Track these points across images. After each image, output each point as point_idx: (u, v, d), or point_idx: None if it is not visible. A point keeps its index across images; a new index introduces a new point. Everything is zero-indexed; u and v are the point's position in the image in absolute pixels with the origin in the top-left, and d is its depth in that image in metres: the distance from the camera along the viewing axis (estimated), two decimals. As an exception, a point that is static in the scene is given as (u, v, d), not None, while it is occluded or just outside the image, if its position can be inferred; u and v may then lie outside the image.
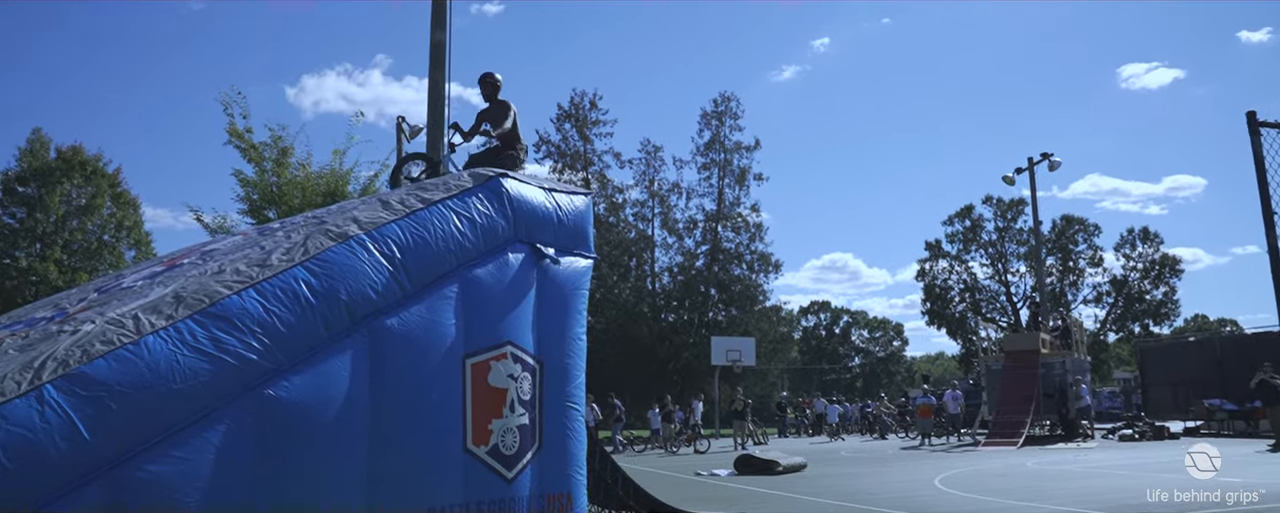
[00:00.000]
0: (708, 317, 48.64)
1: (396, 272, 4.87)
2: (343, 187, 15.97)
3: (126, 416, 3.95)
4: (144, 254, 38.64)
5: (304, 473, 4.47)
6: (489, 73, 8.49)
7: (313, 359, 4.51)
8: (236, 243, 6.20)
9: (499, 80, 8.49)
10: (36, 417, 3.75)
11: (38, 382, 3.85)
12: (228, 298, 4.35)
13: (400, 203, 5.20)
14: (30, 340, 4.62)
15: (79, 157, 37.38)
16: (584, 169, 46.47)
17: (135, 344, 4.08)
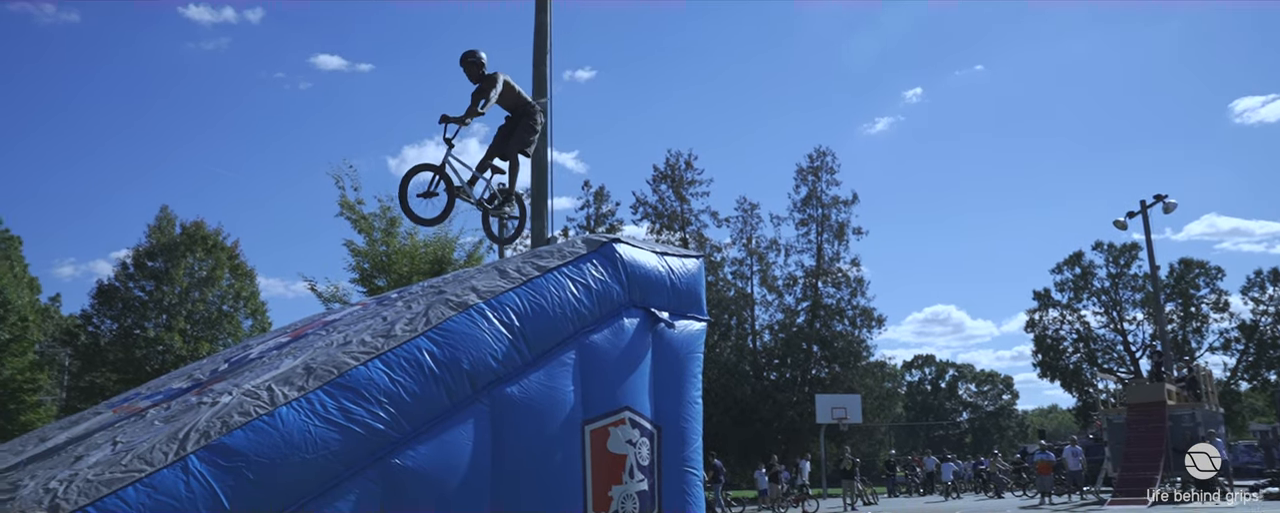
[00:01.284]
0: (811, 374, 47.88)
1: (516, 340, 4.93)
2: (448, 254, 16.38)
3: (263, 485, 4.06)
4: (259, 323, 40.24)
5: (431, 542, 4.51)
6: (468, 51, 7.95)
7: (437, 428, 4.58)
8: (357, 313, 6.39)
9: (481, 57, 7.94)
10: (182, 486, 3.89)
11: (183, 453, 3.99)
12: (355, 369, 4.46)
13: (517, 271, 5.29)
14: (173, 412, 4.82)
15: (201, 231, 39.48)
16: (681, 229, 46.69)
17: (270, 415, 4.21)
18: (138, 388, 7.74)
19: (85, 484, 3.84)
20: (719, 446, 31.70)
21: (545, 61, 12.51)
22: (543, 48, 12.53)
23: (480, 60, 7.93)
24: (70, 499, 3.75)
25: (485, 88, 7.82)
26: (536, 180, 12.39)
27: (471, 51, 7.89)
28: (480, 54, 7.91)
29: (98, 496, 3.76)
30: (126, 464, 3.96)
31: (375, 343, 4.66)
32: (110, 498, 3.76)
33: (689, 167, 48.13)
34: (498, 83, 7.83)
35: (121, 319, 38.40)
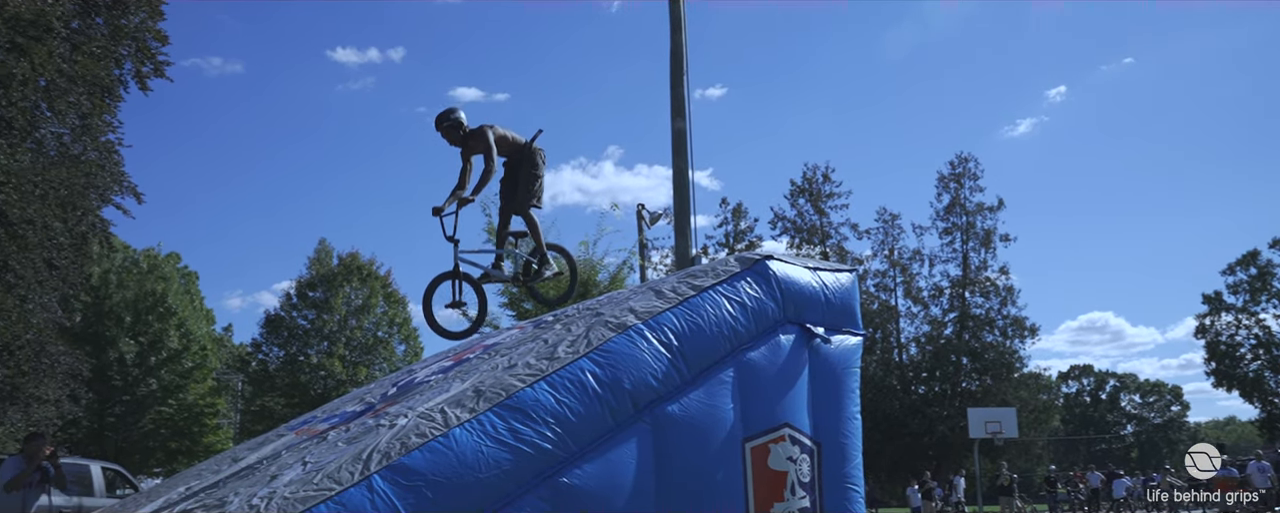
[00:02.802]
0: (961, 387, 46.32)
1: (675, 359, 4.99)
2: (593, 276, 16.67)
3: (440, 504, 4.24)
4: (412, 348, 41.92)
5: (598, 559, 4.59)
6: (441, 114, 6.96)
7: (601, 447, 4.67)
8: (517, 337, 6.58)
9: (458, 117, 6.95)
10: (368, 504, 4.10)
11: (367, 472, 4.21)
12: (522, 390, 4.60)
13: (672, 291, 5.35)
14: (352, 434, 5.08)
15: (356, 262, 41.61)
16: (821, 243, 46.10)
17: (445, 437, 4.39)
18: (313, 411, 8.19)
19: (283, 502, 4.10)
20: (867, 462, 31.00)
21: (682, 82, 12.65)
22: (679, 69, 12.67)
23: (459, 120, 6.91)
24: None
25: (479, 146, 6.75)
26: (678, 199, 12.50)
27: (444, 113, 6.87)
28: (456, 113, 6.90)
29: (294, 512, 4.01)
30: (317, 483, 4.20)
31: (540, 365, 4.79)
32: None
33: (826, 179, 47.55)
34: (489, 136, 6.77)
35: (287, 346, 40.81)
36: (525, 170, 6.99)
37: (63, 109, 19.51)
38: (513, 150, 7.02)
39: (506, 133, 7.06)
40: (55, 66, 18.41)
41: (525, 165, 6.99)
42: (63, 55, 18.80)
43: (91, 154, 21.08)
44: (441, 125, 6.93)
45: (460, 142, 6.97)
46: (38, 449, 9.71)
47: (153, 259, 41.11)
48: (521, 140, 7.07)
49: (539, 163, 7.03)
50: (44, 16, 17.51)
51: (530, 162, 6.98)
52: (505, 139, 6.99)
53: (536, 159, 7.01)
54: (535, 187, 7.03)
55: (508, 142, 7.00)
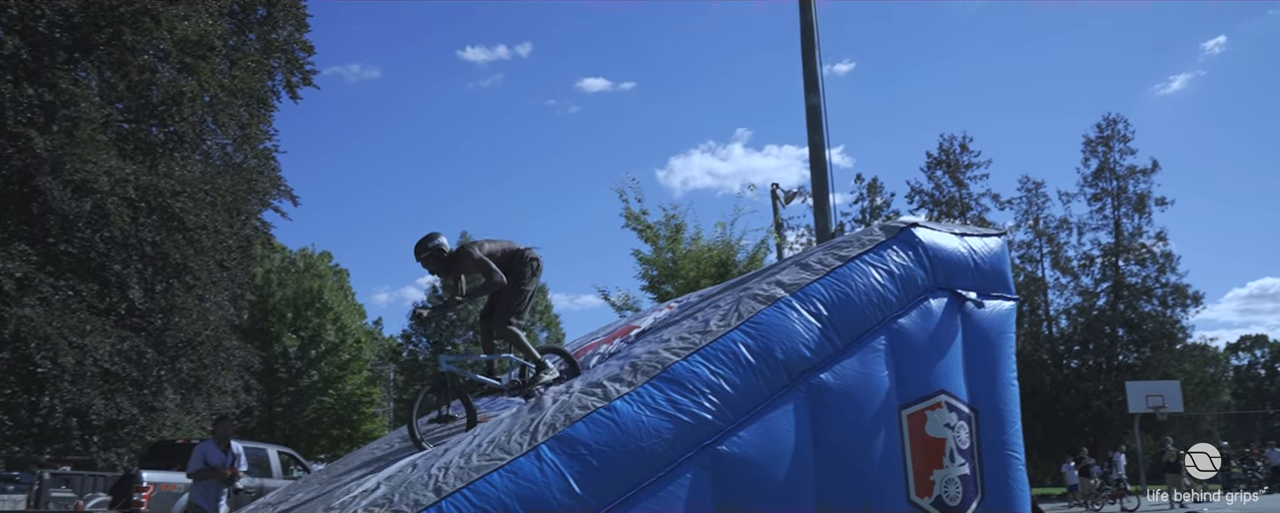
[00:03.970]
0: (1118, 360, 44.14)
1: (825, 329, 5.05)
2: (732, 256, 16.72)
3: (605, 471, 4.44)
4: (554, 334, 42.90)
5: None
6: (418, 243, 6.43)
7: (758, 416, 4.79)
8: (663, 318, 6.75)
9: (437, 243, 6.38)
10: (537, 472, 4.34)
11: (535, 442, 4.46)
12: (677, 363, 4.76)
13: (819, 263, 5.40)
14: (515, 409, 5.35)
15: (498, 251, 43.01)
16: (962, 215, 44.68)
17: (607, 408, 4.59)
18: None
19: (459, 470, 4.39)
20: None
21: (814, 57, 12.57)
22: (810, 44, 12.60)
23: (439, 246, 6.36)
24: (448, 483, 4.29)
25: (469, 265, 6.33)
26: (816, 175, 12.45)
27: (422, 242, 6.40)
28: (435, 240, 6.39)
29: (470, 480, 4.28)
30: (489, 453, 4.47)
31: (693, 339, 4.94)
32: (480, 482, 4.27)
33: (964, 149, 45.97)
34: (477, 253, 6.28)
35: (434, 337, 42.50)
36: (510, 281, 6.34)
37: (225, 121, 20.84)
38: (499, 263, 6.36)
39: (494, 247, 6.46)
40: (217, 82, 19.68)
41: (511, 276, 6.35)
42: (223, 71, 20.08)
43: (252, 162, 22.48)
44: (420, 255, 6.38)
45: (443, 268, 6.40)
46: (226, 431, 10.52)
47: (308, 258, 43.51)
48: (513, 250, 6.46)
49: (526, 275, 6.40)
50: (207, 36, 18.73)
51: (516, 274, 6.36)
52: (494, 256, 6.38)
53: (524, 271, 6.40)
54: (514, 302, 6.35)
55: (496, 257, 6.38)
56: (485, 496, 4.19)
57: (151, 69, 19.13)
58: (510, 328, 6.30)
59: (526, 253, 6.43)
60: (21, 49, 16.24)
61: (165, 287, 19.07)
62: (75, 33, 17.36)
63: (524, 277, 6.37)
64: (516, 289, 6.32)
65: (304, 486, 6.71)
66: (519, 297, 6.34)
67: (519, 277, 6.35)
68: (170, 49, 18.62)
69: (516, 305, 6.35)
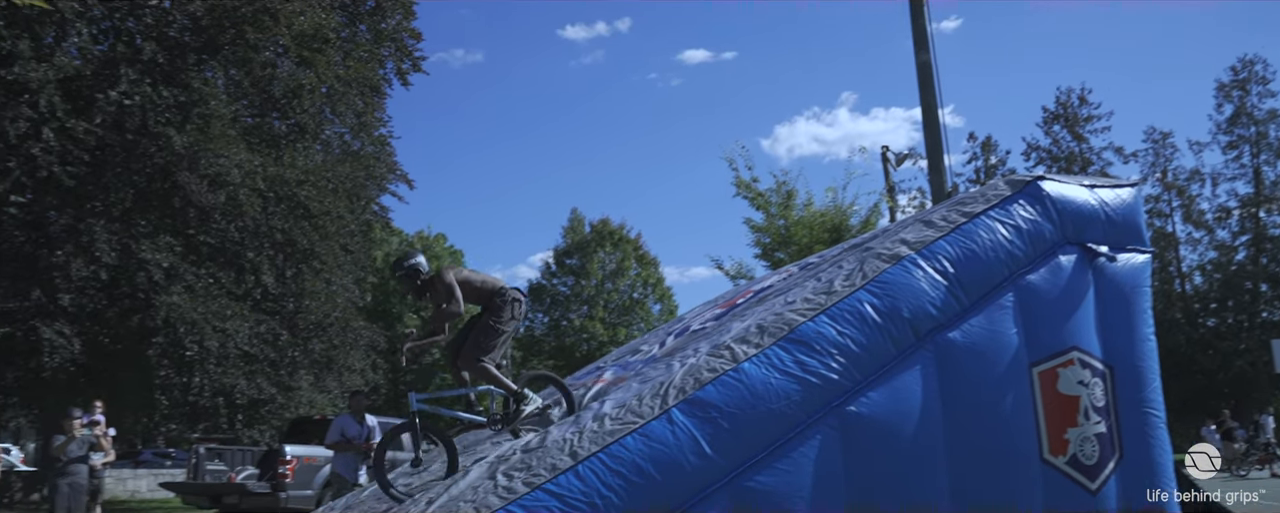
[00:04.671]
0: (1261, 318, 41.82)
1: (952, 286, 4.99)
2: (845, 221, 16.57)
3: (736, 433, 4.51)
4: (667, 307, 43.21)
5: (891, 485, 4.71)
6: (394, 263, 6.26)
7: (886, 376, 4.78)
8: (784, 281, 6.76)
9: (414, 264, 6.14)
10: (670, 435, 4.44)
11: (666, 406, 4.56)
12: (804, 324, 4.78)
13: (943, 220, 5.32)
14: (643, 376, 5.47)
15: (608, 227, 43.52)
16: (1082, 171, 42.90)
17: (735, 371, 4.66)
18: (596, 363, 8.78)
19: (593, 434, 4.52)
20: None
21: (923, 14, 12.26)
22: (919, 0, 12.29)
23: (414, 266, 6.13)
24: (583, 447, 4.44)
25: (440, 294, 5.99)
26: (929, 134, 12.18)
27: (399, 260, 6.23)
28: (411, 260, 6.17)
29: (604, 444, 4.41)
30: (621, 418, 4.59)
31: (818, 300, 4.95)
32: (614, 446, 4.39)
33: (1083, 102, 44.03)
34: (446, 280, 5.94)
35: (550, 313, 43.40)
36: (485, 318, 6.02)
37: (342, 110, 21.62)
38: (479, 297, 6.09)
39: (474, 276, 6.18)
40: (333, 73, 20.41)
41: (487, 312, 6.03)
42: (337, 63, 20.81)
43: (368, 148, 23.29)
44: (396, 274, 6.24)
45: (417, 291, 6.15)
46: (360, 405, 11.02)
47: (424, 240, 44.87)
48: (494, 285, 6.12)
49: (504, 315, 6.00)
50: (322, 30, 19.43)
51: (494, 312, 6.01)
52: (469, 283, 6.08)
53: (502, 310, 6.00)
54: (487, 339, 5.96)
55: (474, 286, 6.08)
56: (619, 458, 4.32)
57: (272, 65, 19.99)
58: (480, 364, 5.93)
59: (509, 292, 6.07)
60: (158, 54, 17.18)
61: (295, 272, 19.99)
62: (202, 35, 18.24)
63: (502, 316, 5.98)
64: (492, 327, 5.95)
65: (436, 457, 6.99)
66: (493, 334, 5.95)
67: (496, 314, 5.98)
68: (289, 44, 19.40)
69: (489, 343, 5.95)
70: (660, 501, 4.30)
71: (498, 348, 6.00)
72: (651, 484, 4.29)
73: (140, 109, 16.87)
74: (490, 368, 5.90)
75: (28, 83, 15.78)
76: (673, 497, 4.33)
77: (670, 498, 4.32)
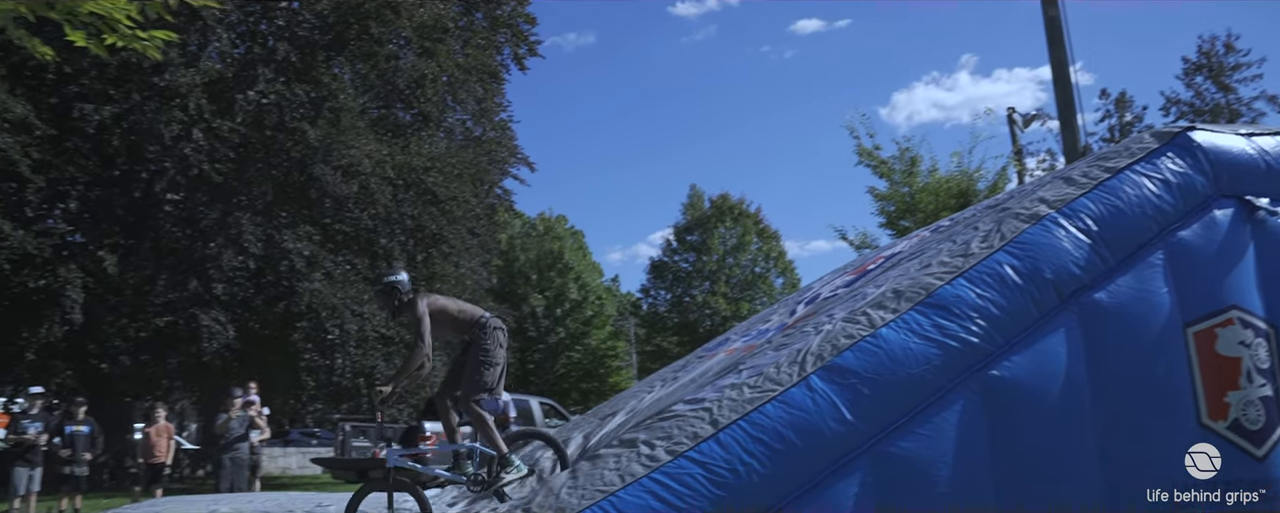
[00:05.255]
0: None
1: (1095, 245, 4.82)
2: (971, 187, 16.10)
3: (876, 398, 4.49)
4: (789, 280, 42.89)
5: (1036, 449, 4.60)
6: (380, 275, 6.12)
7: (1028, 339, 4.66)
8: (916, 245, 6.64)
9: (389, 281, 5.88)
10: (809, 401, 4.45)
11: (804, 373, 4.56)
12: (941, 288, 4.71)
13: (1084, 176, 5.14)
14: (778, 344, 5.48)
15: (727, 202, 43.45)
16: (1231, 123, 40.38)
17: (873, 336, 4.62)
18: (725, 334, 8.83)
19: (731, 401, 4.57)
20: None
21: (1051, -35, 11.75)
22: (1047, -49, 11.78)
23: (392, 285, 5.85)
24: (723, 415, 4.49)
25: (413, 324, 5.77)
26: (1060, 91, 11.71)
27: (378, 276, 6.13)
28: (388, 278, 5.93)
29: (744, 411, 4.46)
30: (759, 385, 4.62)
31: (955, 262, 4.86)
32: (754, 413, 4.43)
33: (1229, 49, 41.22)
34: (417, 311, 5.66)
35: (672, 289, 43.71)
36: (471, 353, 5.71)
37: (463, 98, 22.17)
38: (458, 327, 5.84)
39: (450, 305, 5.92)
40: (453, 62, 20.95)
41: (472, 346, 5.73)
42: (457, 51, 21.34)
43: (490, 134, 23.84)
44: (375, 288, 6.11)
45: (395, 310, 5.88)
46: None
47: (547, 222, 45.74)
48: (473, 316, 5.82)
49: (490, 346, 5.70)
50: (441, 20, 19.96)
51: (479, 344, 5.70)
52: (445, 312, 5.82)
53: (485, 341, 5.70)
54: (485, 375, 5.68)
55: (449, 315, 5.82)
56: (760, 425, 4.36)
57: (395, 57, 20.67)
58: (476, 410, 5.64)
59: (488, 322, 5.78)
60: (290, 53, 17.99)
61: (425, 256, 20.70)
62: (330, 32, 18.99)
63: (487, 347, 5.68)
64: (481, 362, 5.65)
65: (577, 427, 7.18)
66: (489, 369, 5.66)
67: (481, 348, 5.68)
68: (410, 36, 20.01)
69: (486, 380, 5.67)
70: (802, 467, 4.33)
71: (495, 382, 5.75)
72: (792, 451, 4.31)
73: (277, 107, 17.73)
74: (487, 417, 5.65)
75: (178, 88, 16.78)
76: (814, 463, 4.35)
77: (811, 464, 4.34)
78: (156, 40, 3.75)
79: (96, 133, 16.84)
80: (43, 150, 16.05)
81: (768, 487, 4.27)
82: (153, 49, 3.80)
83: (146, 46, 3.74)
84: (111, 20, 3.52)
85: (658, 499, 4.18)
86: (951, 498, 4.41)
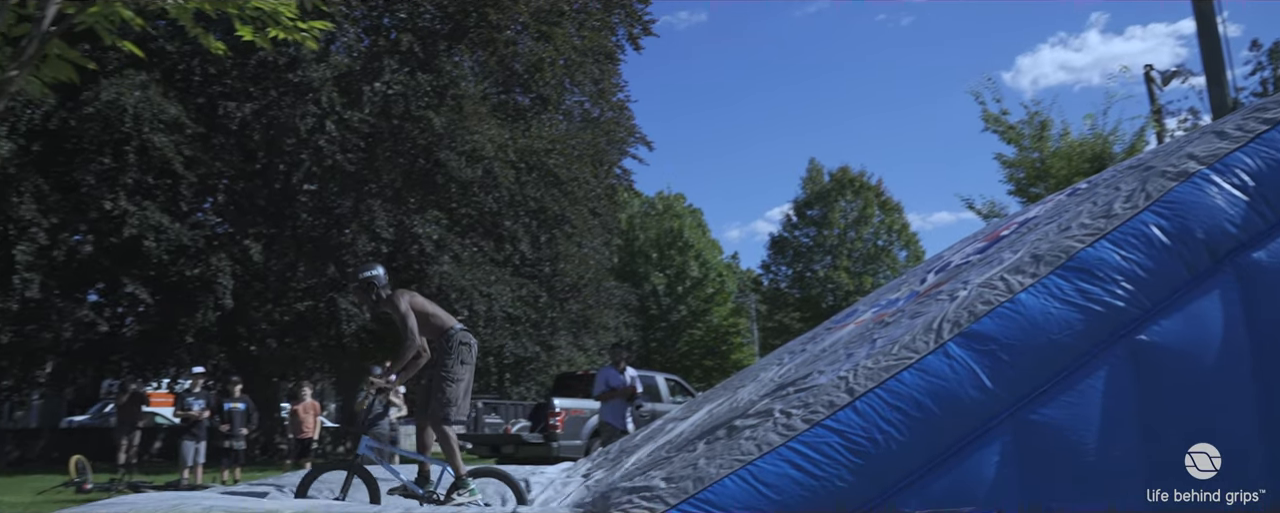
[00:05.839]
0: None
1: (1254, 202, 4.56)
2: (1107, 150, 15.41)
3: (1016, 365, 4.38)
4: (913, 253, 41.97)
5: (1193, 419, 4.42)
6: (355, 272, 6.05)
7: (1178, 302, 4.46)
8: (1051, 209, 6.42)
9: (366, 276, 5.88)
10: (947, 369, 4.38)
11: (940, 340, 4.49)
12: (1083, 250, 4.55)
13: (1238, 129, 4.87)
14: (910, 313, 5.41)
15: (847, 176, 42.77)
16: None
17: (1011, 302, 4.51)
18: (854, 306, 8.74)
19: (867, 371, 4.54)
20: None
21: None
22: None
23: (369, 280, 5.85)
24: (860, 383, 4.47)
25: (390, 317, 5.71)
26: (1205, 45, 11.07)
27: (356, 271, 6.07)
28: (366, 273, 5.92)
29: (880, 380, 4.42)
30: (895, 354, 4.58)
31: (1096, 224, 4.69)
32: (891, 381, 4.39)
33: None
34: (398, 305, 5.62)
35: (794, 265, 43.37)
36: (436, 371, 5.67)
37: (580, 80, 22.47)
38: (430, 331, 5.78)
39: (429, 307, 5.88)
40: (569, 45, 21.23)
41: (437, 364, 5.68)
42: (572, 33, 21.61)
43: (608, 114, 24.10)
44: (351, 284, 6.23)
45: (374, 306, 5.89)
46: (621, 357, 11.56)
47: (665, 200, 45.95)
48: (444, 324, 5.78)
49: (451, 363, 5.63)
50: (557, 3, 20.24)
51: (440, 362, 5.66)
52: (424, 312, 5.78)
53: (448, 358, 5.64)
54: (443, 394, 5.59)
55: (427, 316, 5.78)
56: (897, 393, 4.32)
57: (513, 43, 21.09)
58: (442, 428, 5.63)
59: (455, 335, 5.71)
60: (413, 44, 18.58)
61: (548, 237, 21.14)
62: (450, 22, 19.52)
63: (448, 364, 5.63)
64: (443, 379, 5.61)
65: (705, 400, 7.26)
66: (447, 386, 5.61)
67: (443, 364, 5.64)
68: (527, 21, 20.38)
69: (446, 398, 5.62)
70: (941, 435, 4.27)
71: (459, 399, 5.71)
72: (931, 418, 4.26)
73: (402, 96, 18.36)
74: (451, 435, 5.63)
75: (310, 82, 17.56)
76: (954, 431, 4.29)
77: (951, 432, 4.28)
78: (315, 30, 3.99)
79: (239, 129, 17.80)
80: (193, 148, 17.07)
81: (907, 455, 4.24)
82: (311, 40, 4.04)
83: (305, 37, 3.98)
84: (274, 14, 3.77)
85: (795, 468, 4.20)
86: (1099, 467, 4.28)
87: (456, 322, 5.94)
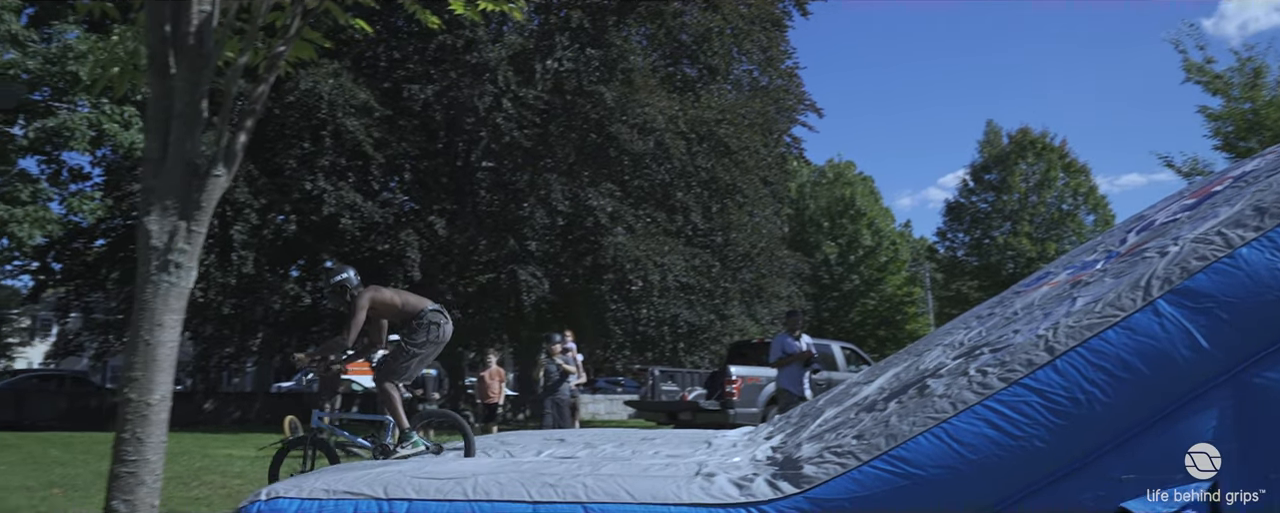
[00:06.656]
0: None
1: None
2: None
3: (1236, 324, 4.09)
4: (1102, 216, 39.55)
5: None
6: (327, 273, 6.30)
7: None
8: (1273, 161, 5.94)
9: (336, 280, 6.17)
10: (1157, 327, 4.14)
11: (1149, 297, 4.25)
12: (1315, 200, 4.21)
13: None
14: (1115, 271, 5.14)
15: (1028, 137, 40.58)
16: None
17: (1230, 257, 4.21)
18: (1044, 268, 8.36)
19: (1069, 330, 4.36)
20: None
21: None
22: None
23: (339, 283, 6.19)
24: (1061, 341, 4.30)
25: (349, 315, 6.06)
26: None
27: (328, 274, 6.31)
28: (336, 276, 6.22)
29: (1082, 338, 4.23)
30: (1100, 312, 4.37)
31: (1333, 174, 4.32)
32: (1094, 340, 4.19)
33: None
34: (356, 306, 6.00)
35: (971, 231, 41.64)
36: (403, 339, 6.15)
37: (748, 48, 22.29)
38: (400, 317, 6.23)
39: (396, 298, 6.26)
40: (736, 13, 21.08)
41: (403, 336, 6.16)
42: (740, 2, 21.44)
43: (777, 82, 23.82)
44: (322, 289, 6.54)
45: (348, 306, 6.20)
46: (796, 324, 11.47)
47: (836, 168, 45.04)
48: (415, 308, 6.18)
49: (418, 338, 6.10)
50: (724, -29, 20.14)
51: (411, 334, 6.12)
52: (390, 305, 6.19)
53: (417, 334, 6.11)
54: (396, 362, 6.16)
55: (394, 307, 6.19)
56: (1102, 353, 4.12)
57: (680, 14, 21.13)
58: (385, 385, 6.16)
59: (427, 315, 6.13)
60: (583, 20, 18.93)
61: (720, 207, 21.17)
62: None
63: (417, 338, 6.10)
64: (404, 349, 6.12)
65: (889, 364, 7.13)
66: (404, 356, 6.14)
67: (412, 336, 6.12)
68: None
69: (396, 365, 6.19)
70: (1150, 397, 4.06)
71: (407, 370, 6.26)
72: (1139, 379, 4.05)
73: (574, 72, 18.77)
74: (394, 395, 6.13)
75: (487, 63, 18.21)
76: (1164, 393, 4.07)
77: (1162, 394, 4.06)
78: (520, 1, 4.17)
79: (422, 110, 18.69)
80: (381, 130, 18.06)
81: (1112, 417, 4.04)
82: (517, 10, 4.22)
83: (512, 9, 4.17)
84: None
85: (992, 428, 4.09)
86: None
87: (430, 304, 6.37)
